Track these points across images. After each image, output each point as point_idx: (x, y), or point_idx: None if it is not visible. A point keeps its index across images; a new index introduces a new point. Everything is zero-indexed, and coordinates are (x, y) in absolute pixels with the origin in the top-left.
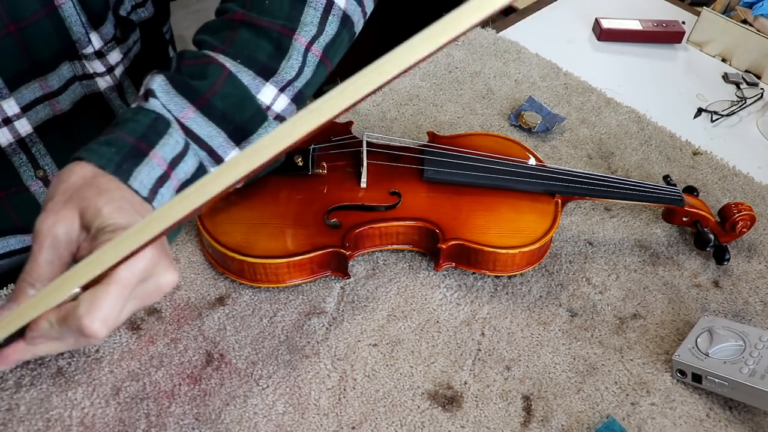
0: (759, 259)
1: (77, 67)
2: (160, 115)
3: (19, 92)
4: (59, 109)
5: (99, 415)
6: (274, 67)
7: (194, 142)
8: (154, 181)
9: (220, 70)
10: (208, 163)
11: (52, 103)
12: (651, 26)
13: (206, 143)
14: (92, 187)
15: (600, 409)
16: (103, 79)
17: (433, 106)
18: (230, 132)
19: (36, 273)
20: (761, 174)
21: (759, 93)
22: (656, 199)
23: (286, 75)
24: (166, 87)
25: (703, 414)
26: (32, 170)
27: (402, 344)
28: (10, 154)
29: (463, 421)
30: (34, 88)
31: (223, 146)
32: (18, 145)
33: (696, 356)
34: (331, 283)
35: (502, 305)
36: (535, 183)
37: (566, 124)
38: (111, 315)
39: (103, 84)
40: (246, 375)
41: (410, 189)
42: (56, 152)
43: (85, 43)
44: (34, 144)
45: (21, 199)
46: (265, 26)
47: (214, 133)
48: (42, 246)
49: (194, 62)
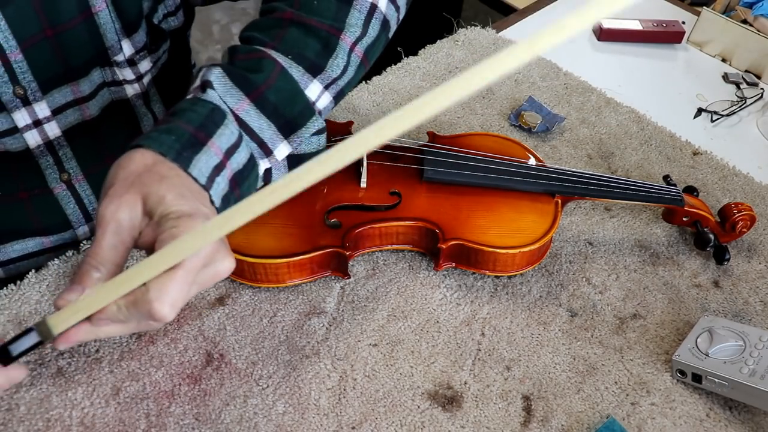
0: (759, 259)
1: (107, 74)
2: (216, 106)
3: (51, 95)
4: (88, 114)
5: (99, 415)
6: (322, 65)
7: (246, 134)
8: (211, 170)
9: (274, 64)
10: (258, 155)
11: (82, 108)
12: (651, 26)
13: (258, 135)
14: (153, 174)
15: (600, 409)
16: (131, 86)
17: None
18: (280, 125)
19: (100, 256)
20: (761, 174)
21: (759, 93)
22: (656, 199)
23: (332, 73)
24: (223, 79)
25: (703, 414)
26: (57, 173)
27: (402, 344)
28: (37, 156)
29: (463, 421)
30: (65, 93)
31: (273, 139)
32: (46, 148)
33: (696, 356)
34: (331, 283)
35: (502, 305)
36: (535, 183)
37: (566, 124)
38: (178, 299)
39: (131, 91)
40: (246, 375)
41: (410, 189)
42: (81, 156)
43: (117, 50)
44: (61, 147)
45: (43, 201)
46: (314, 25)
47: (265, 126)
48: (105, 230)
49: (248, 56)
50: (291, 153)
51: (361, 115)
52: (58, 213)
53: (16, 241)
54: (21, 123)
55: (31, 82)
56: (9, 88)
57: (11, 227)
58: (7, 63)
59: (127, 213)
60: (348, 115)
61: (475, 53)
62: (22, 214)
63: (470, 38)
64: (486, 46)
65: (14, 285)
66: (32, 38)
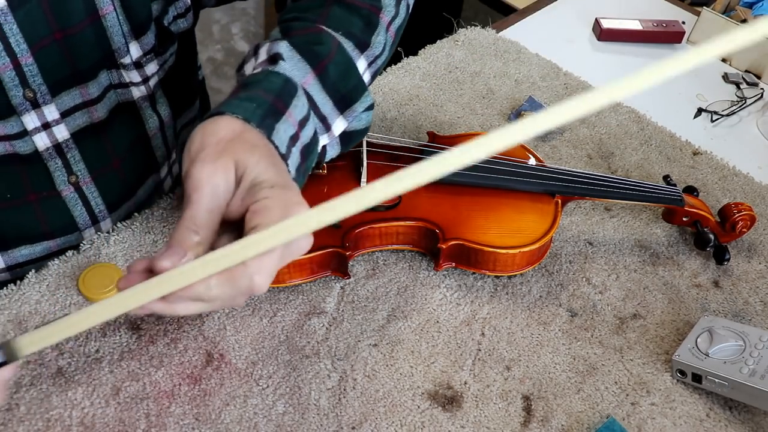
0: (759, 259)
1: (114, 76)
2: (289, 78)
3: (60, 98)
4: (96, 116)
5: (99, 415)
6: (367, 42)
7: (312, 109)
8: (288, 140)
9: (332, 38)
10: (319, 131)
11: (91, 110)
12: (651, 26)
13: (320, 110)
14: (244, 142)
15: (600, 409)
16: (137, 88)
17: (433, 106)
18: (336, 100)
19: (198, 219)
20: (761, 174)
21: (759, 93)
22: (656, 199)
23: (376, 50)
24: (291, 52)
25: (703, 414)
26: (66, 175)
27: (402, 344)
28: (46, 159)
29: (463, 421)
30: (74, 95)
31: (331, 114)
32: (54, 150)
33: (696, 356)
34: (331, 283)
35: (502, 305)
36: (535, 183)
37: (566, 124)
38: (273, 272)
39: (137, 93)
40: (246, 375)
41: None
42: (89, 159)
43: (123, 52)
44: (69, 149)
45: (51, 204)
46: (355, 4)
47: (325, 101)
48: (202, 194)
49: (305, 31)
50: (344, 130)
51: None
52: (66, 215)
53: (24, 246)
54: (30, 126)
55: (41, 85)
56: (19, 91)
57: (20, 230)
58: (18, 66)
59: (223, 177)
60: None
61: (475, 53)
62: (30, 216)
63: (470, 38)
64: (486, 46)
65: (14, 285)
66: (42, 41)
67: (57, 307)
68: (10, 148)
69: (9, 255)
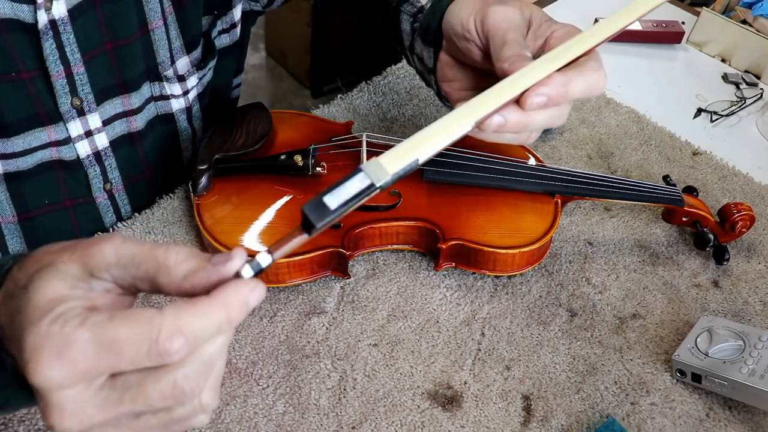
0: (758, 259)
1: (156, 88)
2: None
3: (103, 107)
4: (135, 126)
5: None
6: None
7: None
8: None
9: None
10: None
11: (130, 120)
12: (651, 26)
13: None
14: None
15: (600, 409)
16: (177, 101)
17: (433, 106)
18: None
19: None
20: (761, 174)
21: (758, 93)
22: (656, 199)
23: None
24: None
25: (702, 414)
26: (102, 182)
27: (402, 344)
28: (86, 166)
29: (463, 420)
30: (116, 105)
31: None
32: (94, 158)
33: (695, 356)
34: (331, 283)
35: (501, 305)
36: (535, 183)
37: (566, 124)
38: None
39: (176, 106)
40: (246, 375)
41: (410, 189)
42: (124, 167)
43: (167, 66)
44: (107, 157)
45: (86, 210)
46: None
47: None
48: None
49: None
50: None
51: (361, 115)
52: (98, 221)
53: None
54: (74, 133)
55: (89, 94)
56: (68, 99)
57: (53, 235)
58: (69, 75)
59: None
60: (348, 115)
61: None
62: (65, 222)
63: None
64: None
65: None
66: (93, 51)
67: None
68: (56, 154)
69: None
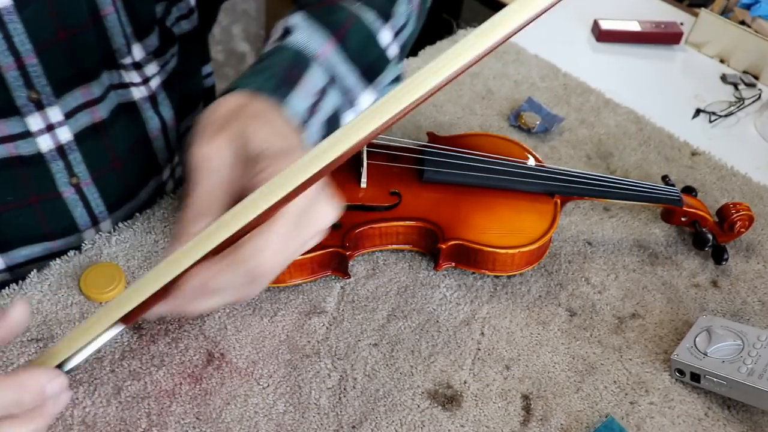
0: (757, 258)
1: (114, 77)
2: (301, 50)
3: (63, 99)
4: (98, 116)
5: (100, 414)
6: (389, 11)
7: (332, 82)
8: (305, 110)
9: (348, 10)
10: (344, 104)
11: (93, 110)
12: (649, 27)
13: (342, 81)
14: (245, 114)
15: (599, 408)
16: (137, 89)
17: (432, 106)
18: (361, 71)
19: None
20: (759, 174)
21: (757, 94)
22: (655, 199)
23: (399, 20)
24: (305, 22)
25: (701, 413)
26: (67, 177)
27: (402, 344)
28: (49, 161)
29: (463, 420)
30: (77, 96)
31: (356, 86)
32: (57, 152)
33: (694, 356)
34: (331, 283)
35: (501, 305)
36: (535, 183)
37: (565, 124)
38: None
39: (138, 94)
40: (247, 374)
41: (410, 189)
42: (90, 160)
43: (124, 53)
44: (71, 151)
45: (53, 206)
46: None
47: (349, 72)
48: (201, 175)
49: (320, 5)
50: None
51: None
52: (66, 216)
53: (24, 247)
54: (34, 128)
55: (45, 86)
56: (23, 92)
57: (20, 232)
58: (22, 67)
59: (221, 154)
60: None
61: None
62: (32, 218)
63: None
64: None
65: (16, 285)
66: (46, 41)
67: (59, 306)
68: (14, 150)
69: (8, 256)
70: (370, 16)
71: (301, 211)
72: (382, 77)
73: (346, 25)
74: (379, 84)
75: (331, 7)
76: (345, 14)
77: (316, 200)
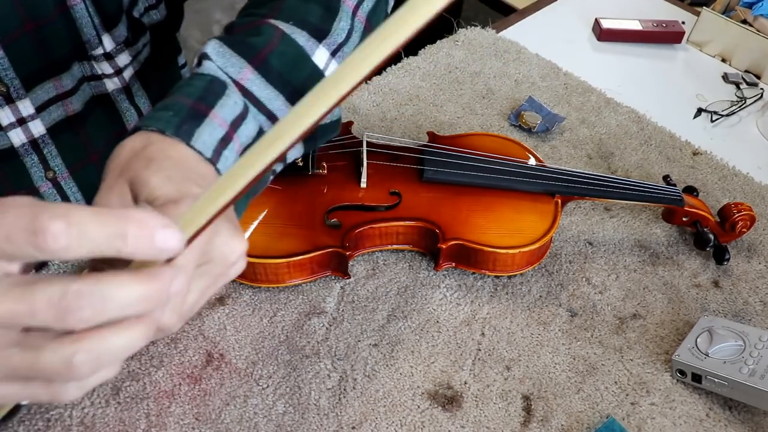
0: (759, 259)
1: (86, 68)
2: (215, 77)
3: (34, 93)
4: (72, 109)
5: (99, 414)
6: (326, 29)
7: (253, 105)
8: (217, 143)
9: (274, 29)
10: (267, 128)
11: (65, 103)
12: (651, 26)
13: (265, 106)
14: (141, 159)
15: (600, 409)
16: (110, 80)
17: (433, 106)
18: (288, 94)
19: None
20: (761, 174)
21: (759, 93)
22: (656, 199)
23: (338, 37)
24: (221, 49)
25: (702, 414)
26: (43, 171)
27: (402, 344)
28: (22, 155)
29: (463, 420)
30: (48, 89)
31: (282, 110)
32: (30, 146)
33: (696, 356)
34: (331, 283)
35: (502, 305)
36: (535, 183)
37: (566, 124)
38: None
39: (111, 86)
40: (246, 375)
41: (410, 189)
42: (66, 154)
43: (95, 44)
44: (45, 145)
45: None
46: None
47: (273, 96)
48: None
49: (245, 27)
50: None
51: (361, 115)
52: None
53: None
54: (5, 122)
55: (14, 79)
56: None
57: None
58: None
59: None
60: (348, 115)
61: (475, 53)
62: None
63: (470, 38)
64: (486, 46)
65: None
66: (13, 33)
67: None
68: None
69: None
70: (302, 38)
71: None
72: None
73: (268, 46)
74: None
75: (255, 29)
76: (268, 36)
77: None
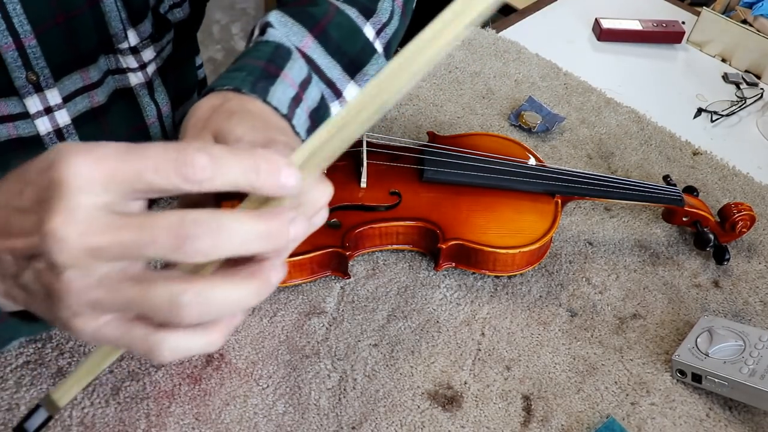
0: (759, 259)
1: (111, 61)
2: (280, 44)
3: (62, 83)
4: (96, 101)
5: (99, 414)
6: (373, 8)
7: (315, 73)
8: (290, 101)
9: (328, 3)
10: (328, 96)
11: (91, 95)
12: (651, 26)
13: (326, 74)
14: (221, 113)
15: (600, 409)
16: (134, 74)
17: (433, 106)
18: (345, 64)
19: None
20: (761, 174)
21: (759, 93)
22: (656, 199)
23: (382, 17)
24: (282, 18)
25: (702, 414)
26: None
27: (402, 344)
28: (47, 143)
29: (463, 421)
30: (75, 80)
31: (340, 79)
32: (55, 135)
33: (696, 356)
34: (331, 283)
35: (502, 305)
36: (535, 183)
37: (566, 124)
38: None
39: (135, 80)
40: (246, 375)
41: (410, 189)
42: None
43: (121, 38)
44: (69, 135)
45: None
46: None
47: (331, 65)
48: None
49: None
50: None
51: None
52: None
53: None
54: (33, 109)
55: (44, 68)
56: (22, 73)
57: None
58: (21, 48)
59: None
60: None
61: (475, 53)
62: None
63: (470, 38)
64: (486, 46)
65: None
66: (45, 24)
67: None
68: (14, 131)
69: None
70: (353, 13)
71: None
72: (368, 68)
73: (326, 17)
74: (366, 75)
75: (312, 2)
76: (325, 7)
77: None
